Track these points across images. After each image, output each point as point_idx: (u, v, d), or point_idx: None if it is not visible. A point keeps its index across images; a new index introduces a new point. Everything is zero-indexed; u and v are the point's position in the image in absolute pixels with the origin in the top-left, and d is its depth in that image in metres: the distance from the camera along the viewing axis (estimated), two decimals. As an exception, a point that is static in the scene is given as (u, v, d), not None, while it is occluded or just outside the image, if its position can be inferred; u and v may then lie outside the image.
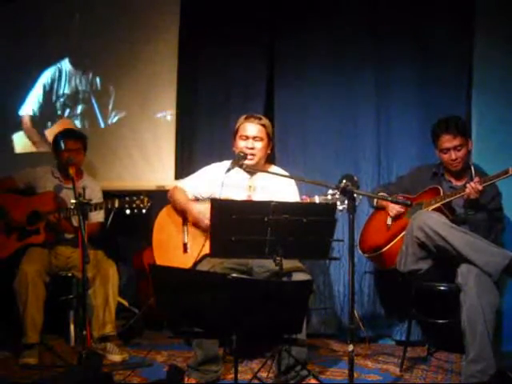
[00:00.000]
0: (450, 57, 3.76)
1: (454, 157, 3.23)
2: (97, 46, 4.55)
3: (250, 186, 3.26)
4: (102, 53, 4.54)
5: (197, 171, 3.46)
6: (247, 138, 3.20)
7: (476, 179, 3.08)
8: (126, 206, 3.32)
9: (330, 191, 2.83)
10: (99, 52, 4.55)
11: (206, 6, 4.32)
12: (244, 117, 3.27)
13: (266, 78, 4.21)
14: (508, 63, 3.63)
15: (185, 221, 3.29)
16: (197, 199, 3.33)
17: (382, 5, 3.91)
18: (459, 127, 3.22)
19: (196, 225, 3.23)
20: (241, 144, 3.21)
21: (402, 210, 3.33)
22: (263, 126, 3.23)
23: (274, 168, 3.38)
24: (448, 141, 3.21)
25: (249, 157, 3.17)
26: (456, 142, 3.21)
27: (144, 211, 3.33)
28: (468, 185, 3.06)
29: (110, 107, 4.52)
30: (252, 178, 3.28)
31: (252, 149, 3.19)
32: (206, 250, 2.87)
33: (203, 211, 3.14)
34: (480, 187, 3.02)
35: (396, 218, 3.36)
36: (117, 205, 3.36)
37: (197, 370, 2.91)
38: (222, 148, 4.17)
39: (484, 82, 3.68)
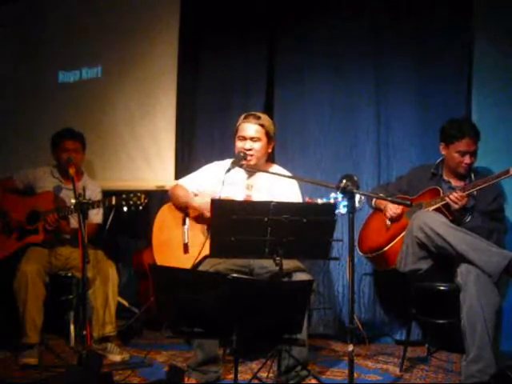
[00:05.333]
0: (450, 56, 3.76)
1: (469, 161, 3.23)
2: (96, 46, 4.55)
3: (249, 186, 3.26)
4: (100, 52, 4.54)
5: (198, 170, 3.46)
6: (244, 138, 3.18)
7: (460, 191, 3.10)
8: (123, 203, 3.31)
9: (333, 195, 2.82)
10: (98, 51, 4.55)
11: (206, 6, 4.32)
12: (243, 116, 3.25)
13: (266, 77, 4.21)
14: (508, 63, 3.63)
15: (185, 219, 3.29)
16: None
17: (382, 5, 3.91)
18: (477, 131, 3.23)
19: (198, 218, 3.22)
20: (239, 145, 3.20)
21: (399, 211, 3.32)
22: (261, 125, 3.18)
23: (275, 168, 3.35)
24: (468, 144, 3.20)
25: (247, 157, 3.17)
26: (474, 147, 3.22)
27: (141, 208, 3.32)
28: (449, 196, 3.07)
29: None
30: (252, 178, 3.28)
31: (249, 150, 3.17)
32: (207, 250, 2.87)
33: (203, 203, 3.14)
34: (464, 194, 3.05)
35: (393, 220, 3.36)
36: (114, 202, 3.35)
37: (197, 371, 2.91)
38: (222, 147, 4.18)
39: (484, 81, 3.68)
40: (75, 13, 4.61)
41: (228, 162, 3.18)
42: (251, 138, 3.17)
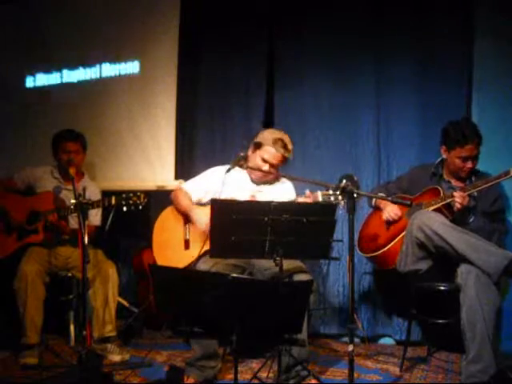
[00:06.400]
0: (450, 57, 3.75)
1: (471, 165, 3.21)
2: (96, 46, 4.56)
3: (254, 187, 3.27)
4: (100, 52, 4.54)
5: (198, 172, 3.46)
6: (266, 162, 3.20)
7: (460, 190, 3.10)
8: (123, 202, 3.31)
9: (331, 184, 2.82)
10: (98, 51, 4.55)
11: (206, 6, 4.32)
12: (274, 138, 3.20)
13: (266, 78, 4.21)
14: (508, 63, 3.63)
15: (187, 220, 3.28)
16: (200, 202, 3.32)
17: (382, 5, 3.91)
18: (479, 135, 3.19)
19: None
20: (258, 162, 3.20)
21: (396, 217, 3.32)
22: (285, 157, 3.22)
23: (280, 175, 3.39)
24: (470, 150, 3.17)
25: (256, 176, 3.24)
26: (476, 152, 3.19)
27: (141, 207, 3.32)
28: (454, 194, 3.07)
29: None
30: (257, 184, 3.32)
31: (267, 172, 3.21)
32: (208, 245, 2.87)
33: (202, 218, 3.13)
34: (465, 194, 3.05)
35: (390, 223, 3.36)
36: (113, 202, 3.35)
37: (194, 367, 2.90)
38: (223, 147, 4.20)
39: (484, 82, 3.68)
40: (74, 13, 4.61)
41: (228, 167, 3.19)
42: (271, 165, 3.21)
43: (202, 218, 3.11)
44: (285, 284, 2.54)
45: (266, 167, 3.21)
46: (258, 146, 3.24)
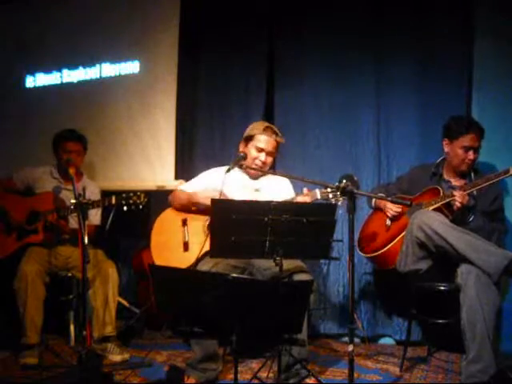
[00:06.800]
0: (450, 57, 3.75)
1: (472, 157, 3.23)
2: (96, 46, 4.55)
3: (256, 188, 3.28)
4: (100, 52, 4.54)
5: (198, 171, 3.48)
6: (262, 150, 3.23)
7: (460, 189, 3.11)
8: (123, 202, 3.32)
9: (331, 185, 2.83)
10: (98, 51, 4.55)
11: (206, 6, 4.32)
12: (263, 127, 3.28)
13: (266, 78, 4.21)
14: (508, 63, 3.63)
15: (185, 221, 3.29)
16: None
17: (382, 5, 3.91)
18: (481, 128, 3.24)
19: (198, 219, 3.23)
20: (254, 154, 3.24)
21: (399, 210, 3.33)
22: (278, 143, 3.28)
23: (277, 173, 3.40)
24: (473, 140, 3.21)
25: (254, 171, 3.26)
26: (478, 143, 3.23)
27: (141, 207, 3.32)
28: (454, 193, 3.08)
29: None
30: (257, 180, 3.32)
31: (264, 163, 3.24)
32: (208, 247, 2.87)
33: (208, 196, 3.09)
34: (465, 193, 3.07)
35: (394, 218, 3.36)
36: (114, 201, 3.35)
37: (195, 369, 2.90)
38: (222, 147, 4.20)
39: (484, 81, 3.68)
40: (74, 13, 4.61)
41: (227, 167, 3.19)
42: (268, 153, 3.24)
43: (208, 193, 3.12)
44: (285, 284, 2.54)
45: (262, 156, 3.23)
46: (250, 138, 3.28)
